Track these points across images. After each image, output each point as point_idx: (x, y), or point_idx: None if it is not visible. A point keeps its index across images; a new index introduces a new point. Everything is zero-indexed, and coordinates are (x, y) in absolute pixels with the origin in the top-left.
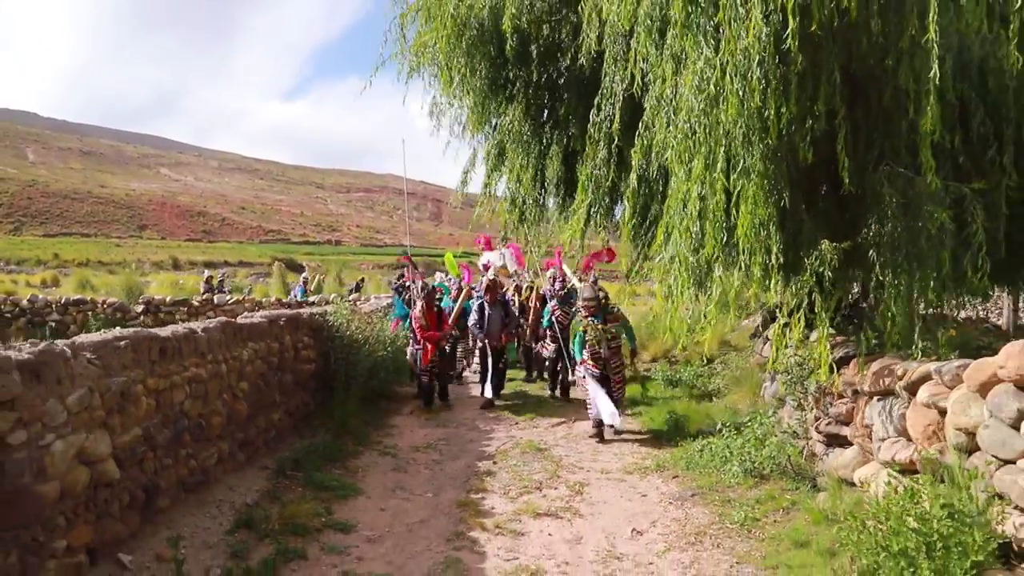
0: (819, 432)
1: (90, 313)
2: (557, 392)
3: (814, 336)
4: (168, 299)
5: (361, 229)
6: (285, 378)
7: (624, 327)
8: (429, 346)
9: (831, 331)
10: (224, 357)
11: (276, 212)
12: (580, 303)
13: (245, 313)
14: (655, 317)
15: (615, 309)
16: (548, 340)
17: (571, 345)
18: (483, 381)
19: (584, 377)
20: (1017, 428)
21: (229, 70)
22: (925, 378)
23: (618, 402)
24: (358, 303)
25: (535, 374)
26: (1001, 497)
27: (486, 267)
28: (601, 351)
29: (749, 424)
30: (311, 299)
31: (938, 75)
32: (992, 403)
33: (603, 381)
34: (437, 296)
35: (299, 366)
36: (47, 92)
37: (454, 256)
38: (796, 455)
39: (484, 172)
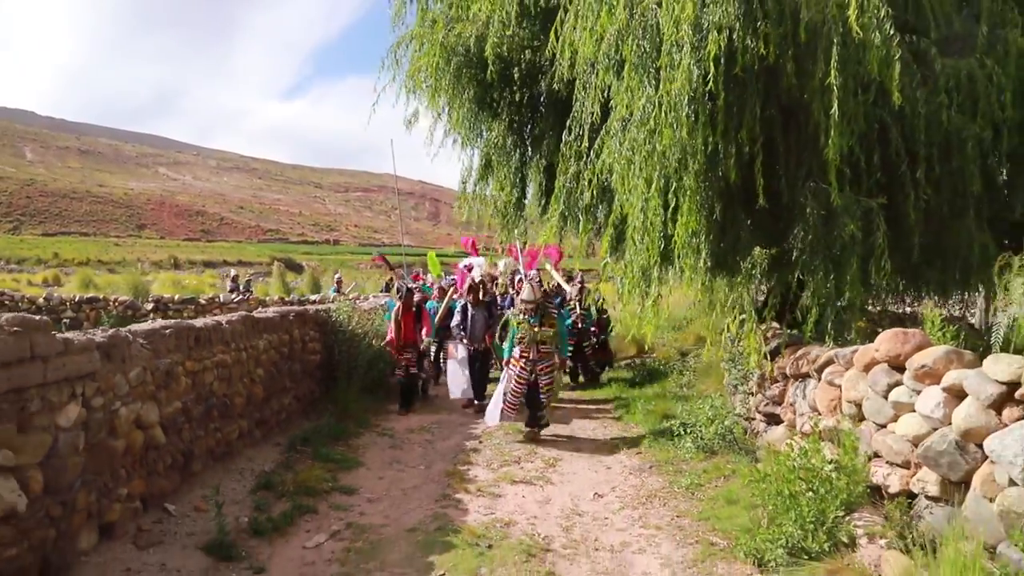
0: (760, 412)
1: (102, 311)
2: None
3: (748, 328)
4: (176, 297)
5: (359, 229)
6: (294, 367)
7: (559, 334)
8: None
9: (774, 324)
10: (244, 346)
11: (274, 212)
12: (519, 302)
13: (260, 309)
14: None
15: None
16: None
17: (504, 344)
18: (468, 383)
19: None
20: (887, 399)
21: (228, 69)
22: (829, 362)
23: (543, 406)
24: (357, 301)
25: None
26: (878, 455)
27: (468, 268)
28: (530, 353)
29: (701, 407)
30: (312, 297)
31: (838, 113)
32: (871, 380)
33: (531, 387)
34: (421, 298)
35: (306, 357)
36: (45, 91)
37: (438, 256)
38: (740, 433)
39: (472, 181)
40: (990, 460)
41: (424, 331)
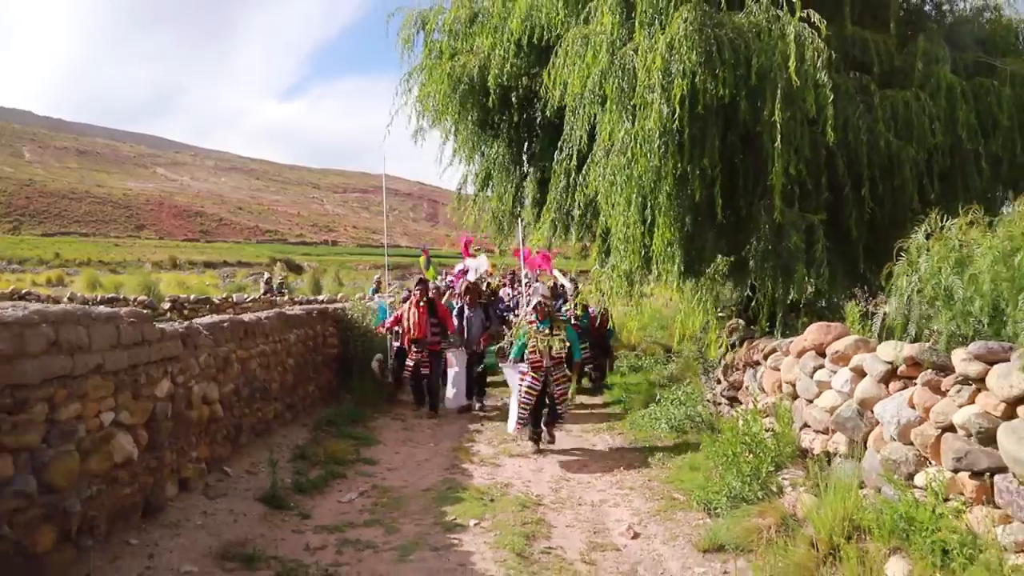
0: (724, 397)
1: None
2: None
3: (712, 325)
4: (192, 297)
5: (357, 230)
6: (317, 358)
7: (571, 337)
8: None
9: (739, 321)
10: (279, 339)
11: (272, 212)
12: (532, 304)
13: (287, 308)
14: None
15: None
16: None
17: (511, 348)
18: (462, 391)
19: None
20: (813, 378)
21: (226, 69)
22: (773, 351)
23: (560, 417)
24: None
25: None
26: (807, 425)
27: (464, 272)
28: (543, 361)
29: (676, 394)
30: (320, 298)
31: (780, 144)
32: (802, 364)
33: (541, 395)
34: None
35: (326, 350)
36: (42, 90)
37: (435, 257)
38: (708, 415)
39: (473, 191)
40: (880, 423)
41: (447, 330)
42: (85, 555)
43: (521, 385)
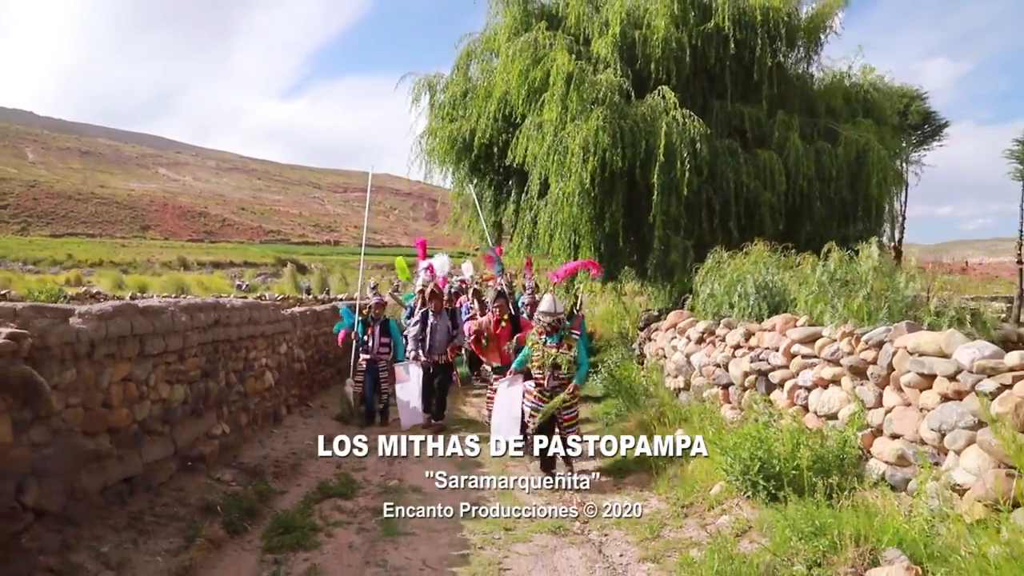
0: (636, 363)
1: None
2: None
3: (622, 312)
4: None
5: (359, 229)
6: None
7: (582, 358)
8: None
9: (650, 311)
10: (333, 323)
11: (275, 212)
12: (539, 317)
13: (314, 306)
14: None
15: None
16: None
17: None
18: (421, 401)
19: (494, 392)
20: (670, 344)
21: (227, 69)
22: (656, 329)
23: (569, 445)
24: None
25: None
26: (669, 374)
27: (429, 270)
28: (545, 380)
29: (606, 362)
30: (341, 296)
31: (658, 197)
32: (667, 336)
33: (547, 423)
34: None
35: None
36: (43, 91)
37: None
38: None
39: (466, 218)
40: (695, 368)
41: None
42: (255, 434)
43: (524, 407)
